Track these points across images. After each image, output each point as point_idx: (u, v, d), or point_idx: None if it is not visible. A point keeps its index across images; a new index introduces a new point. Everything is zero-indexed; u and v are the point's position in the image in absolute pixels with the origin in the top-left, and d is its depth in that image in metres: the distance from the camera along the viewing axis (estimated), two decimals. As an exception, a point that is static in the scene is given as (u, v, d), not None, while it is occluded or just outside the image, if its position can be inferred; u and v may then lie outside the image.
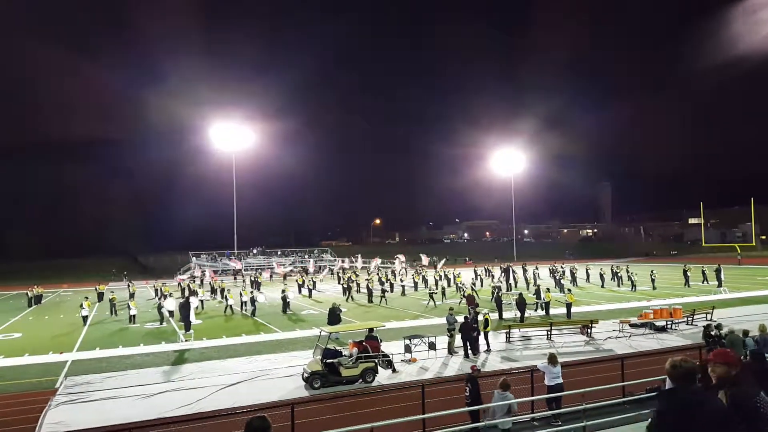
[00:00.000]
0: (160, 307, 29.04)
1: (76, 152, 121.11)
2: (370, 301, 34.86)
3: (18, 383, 15.97)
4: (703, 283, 40.44)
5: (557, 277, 42.53)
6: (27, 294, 39.75)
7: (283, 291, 32.98)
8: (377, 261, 58.75)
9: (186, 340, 21.80)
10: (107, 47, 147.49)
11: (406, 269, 55.94)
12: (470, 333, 17.94)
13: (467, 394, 10.98)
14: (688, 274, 40.51)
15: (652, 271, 40.27)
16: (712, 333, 15.09)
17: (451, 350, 18.35)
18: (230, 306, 31.91)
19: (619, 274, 43.45)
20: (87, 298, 32.19)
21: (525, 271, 48.40)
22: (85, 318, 28.61)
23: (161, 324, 27.23)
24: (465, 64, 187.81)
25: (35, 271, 67.04)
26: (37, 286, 41.97)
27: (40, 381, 16.17)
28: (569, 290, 27.96)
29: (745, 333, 14.12)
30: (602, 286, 40.80)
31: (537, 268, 48.06)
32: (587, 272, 47.10)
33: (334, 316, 22.52)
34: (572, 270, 45.13)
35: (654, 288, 37.66)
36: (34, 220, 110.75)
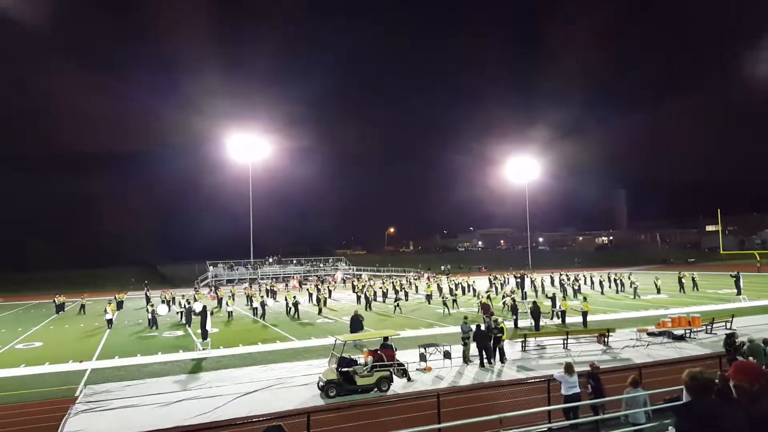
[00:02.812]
0: (154, 313, 30.76)
1: (95, 164, 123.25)
2: (368, 307, 35.66)
3: (39, 391, 16.22)
4: (693, 289, 41.45)
5: (565, 285, 43.16)
6: (54, 301, 41.53)
7: (294, 297, 34.68)
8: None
9: (203, 349, 21.99)
10: (125, 61, 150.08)
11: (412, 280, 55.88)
12: (486, 341, 17.88)
13: (589, 390, 11.30)
14: (683, 281, 41.33)
15: (634, 279, 41.21)
16: (736, 342, 14.85)
17: (466, 359, 18.30)
18: (230, 312, 33.67)
19: (618, 282, 44.07)
20: (110, 302, 33.56)
21: (533, 280, 48.25)
22: (109, 321, 30.19)
23: (153, 327, 29.38)
24: (479, 73, 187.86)
25: (55, 281, 68.05)
26: (60, 295, 43.01)
27: (61, 389, 16.41)
28: (585, 298, 27.68)
29: (766, 342, 13.90)
30: (602, 293, 41.76)
31: (533, 279, 48.17)
32: (591, 280, 47.51)
33: (356, 324, 22.52)
34: (576, 278, 45.87)
35: (636, 297, 38.12)
36: (55, 230, 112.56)
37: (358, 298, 40.64)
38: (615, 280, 44.70)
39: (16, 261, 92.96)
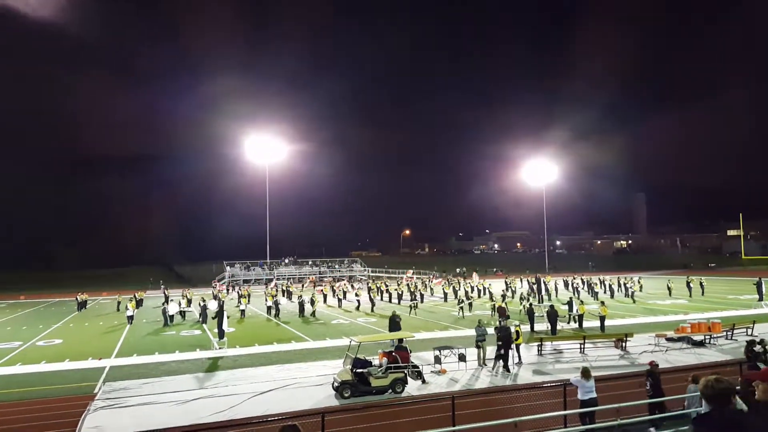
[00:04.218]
0: (164, 311, 31.73)
1: (117, 167, 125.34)
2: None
3: (59, 388, 16.49)
4: (701, 294, 41.88)
5: (578, 289, 42.85)
6: (77, 299, 42.73)
7: (301, 296, 35.88)
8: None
9: (220, 348, 22.19)
10: (146, 65, 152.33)
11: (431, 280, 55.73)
12: (510, 344, 17.69)
13: (648, 387, 11.55)
14: (691, 285, 42.47)
15: (631, 284, 42.09)
16: (755, 349, 14.56)
17: (481, 362, 18.20)
18: (243, 311, 34.83)
19: (627, 285, 44.20)
20: (132, 299, 34.53)
21: (545, 283, 47.87)
22: (130, 318, 31.42)
23: (165, 325, 30.45)
24: (497, 75, 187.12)
25: (76, 280, 69.17)
26: (82, 293, 43.85)
27: (80, 386, 16.67)
28: (602, 303, 27.39)
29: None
30: (611, 297, 41.70)
31: (546, 282, 47.95)
32: (604, 284, 47.43)
33: (394, 324, 22.49)
34: (589, 282, 46.13)
35: (633, 301, 38.69)
36: (76, 231, 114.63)
37: (370, 300, 40.79)
38: (624, 284, 44.66)
39: (39, 260, 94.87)
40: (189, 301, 40.29)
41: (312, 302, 36.15)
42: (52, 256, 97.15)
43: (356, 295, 39.67)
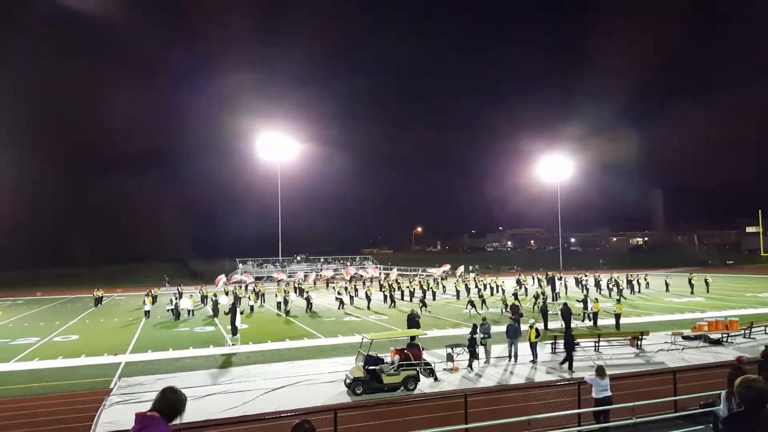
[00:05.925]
0: (176, 307, 32.26)
1: (132, 164, 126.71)
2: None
3: (75, 383, 16.69)
4: (706, 291, 41.76)
5: (588, 287, 43.55)
6: (93, 295, 43.88)
7: (307, 292, 36.74)
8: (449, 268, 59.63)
9: (233, 344, 22.32)
10: (159, 64, 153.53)
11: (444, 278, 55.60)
12: (573, 346, 17.39)
13: None
14: (693, 282, 42.41)
15: (621, 280, 42.47)
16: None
17: (486, 359, 18.13)
18: (251, 306, 35.75)
19: (633, 282, 44.24)
20: (148, 294, 35.35)
21: (558, 280, 47.57)
22: (147, 312, 32.62)
23: (176, 320, 31.21)
24: (510, 71, 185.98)
25: (91, 276, 69.97)
26: (98, 289, 44.49)
27: (96, 381, 16.85)
28: (618, 300, 27.10)
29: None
30: (620, 294, 40.90)
31: (558, 278, 47.75)
32: (616, 281, 47.10)
33: (412, 322, 22.49)
34: (597, 279, 46.39)
35: (622, 297, 37.69)
36: (91, 227, 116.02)
37: (385, 297, 40.66)
38: (630, 281, 44.43)
39: (55, 257, 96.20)
40: (203, 298, 40.67)
41: (286, 302, 34.40)
42: (67, 253, 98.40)
43: (338, 294, 37.54)
